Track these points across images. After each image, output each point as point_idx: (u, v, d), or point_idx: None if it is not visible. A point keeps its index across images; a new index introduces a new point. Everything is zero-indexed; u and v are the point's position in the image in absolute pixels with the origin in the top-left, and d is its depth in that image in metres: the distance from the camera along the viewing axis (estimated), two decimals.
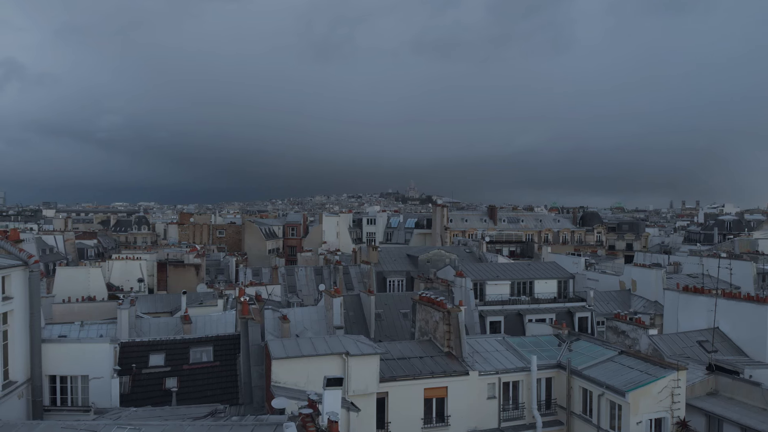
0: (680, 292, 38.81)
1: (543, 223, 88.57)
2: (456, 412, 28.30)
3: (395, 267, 64.44)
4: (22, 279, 23.57)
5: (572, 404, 29.25)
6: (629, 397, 25.38)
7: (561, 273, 51.11)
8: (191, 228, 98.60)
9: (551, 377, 30.25)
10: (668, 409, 26.07)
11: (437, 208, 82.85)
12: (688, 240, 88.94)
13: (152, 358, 27.68)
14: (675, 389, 26.13)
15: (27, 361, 23.61)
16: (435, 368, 28.76)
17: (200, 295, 50.44)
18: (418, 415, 27.82)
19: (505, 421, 29.29)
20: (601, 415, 27.09)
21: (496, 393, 29.25)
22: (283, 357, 24.42)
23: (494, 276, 49.86)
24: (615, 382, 26.66)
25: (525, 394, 29.71)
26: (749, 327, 34.32)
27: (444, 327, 30.81)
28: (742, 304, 34.85)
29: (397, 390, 27.42)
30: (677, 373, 26.27)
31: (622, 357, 29.25)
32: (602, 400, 27.03)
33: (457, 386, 28.43)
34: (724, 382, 29.96)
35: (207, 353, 28.38)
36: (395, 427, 27.20)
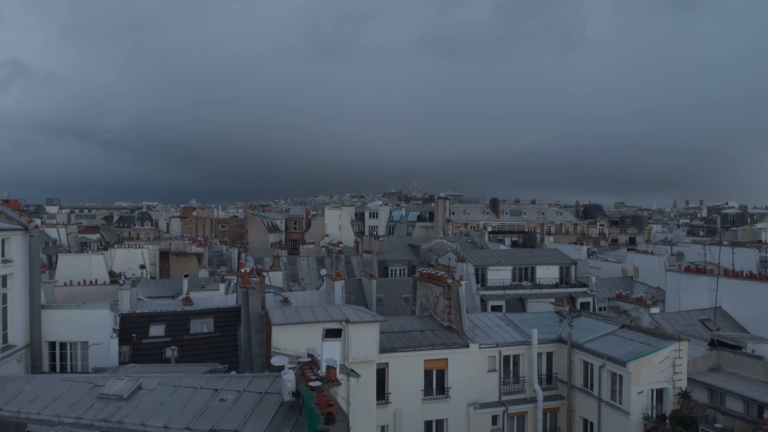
0: (682, 273, 38.64)
1: (545, 215, 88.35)
2: (456, 384, 28.22)
3: (397, 256, 64.34)
4: (22, 243, 23.61)
5: (573, 378, 29.14)
6: (630, 367, 25.25)
7: (563, 259, 51.02)
8: (194, 221, 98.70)
9: (552, 351, 30.14)
10: (670, 380, 25.93)
11: (439, 201, 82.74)
12: (692, 234, 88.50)
13: (152, 328, 27.66)
14: (676, 360, 25.99)
15: (26, 326, 23.63)
16: (435, 340, 28.71)
17: (202, 280, 50.48)
18: (419, 386, 27.76)
19: (505, 395, 29.19)
20: (602, 386, 26.96)
21: (496, 366, 29.16)
22: (283, 323, 24.39)
23: (496, 261, 49.78)
24: (616, 353, 26.55)
25: (526, 368, 29.61)
26: (752, 305, 34.16)
27: (444, 301, 30.75)
28: (745, 282, 34.69)
29: (397, 361, 27.36)
30: (678, 344, 26.14)
31: (623, 330, 29.13)
32: (603, 372, 26.91)
33: (458, 358, 28.36)
34: (726, 357, 29.79)
35: (207, 324, 28.35)
36: (395, 398, 27.13)
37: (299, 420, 15.03)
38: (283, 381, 15.90)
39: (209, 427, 15.07)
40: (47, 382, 17.90)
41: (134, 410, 16.05)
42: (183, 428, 15.10)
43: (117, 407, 16.23)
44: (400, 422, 27.16)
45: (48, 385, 17.63)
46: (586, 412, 28.24)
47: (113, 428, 15.49)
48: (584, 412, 28.37)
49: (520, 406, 29.09)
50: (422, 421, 27.68)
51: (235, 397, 16.28)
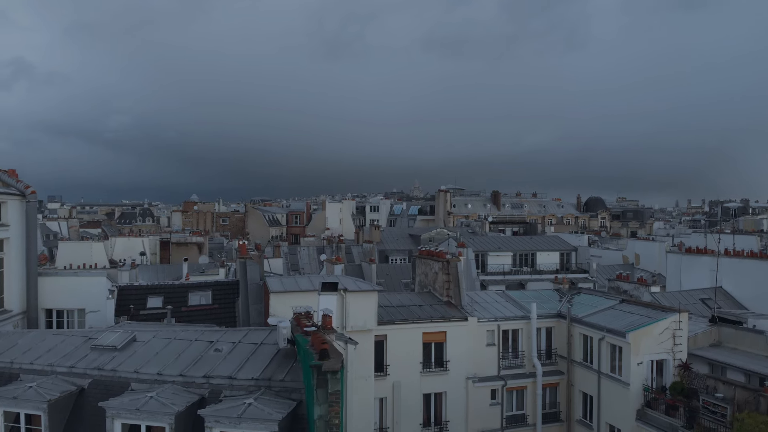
0: (683, 254, 38.47)
1: (546, 208, 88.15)
2: (455, 357, 28.04)
3: (397, 246, 64.26)
4: (19, 209, 23.55)
5: (573, 352, 28.96)
6: (629, 338, 25.06)
7: (563, 245, 50.88)
8: (195, 216, 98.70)
9: (551, 327, 29.95)
10: (670, 352, 25.73)
11: (440, 194, 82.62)
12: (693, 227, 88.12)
13: (150, 300, 27.58)
14: (676, 331, 25.79)
15: (23, 292, 23.56)
16: (434, 314, 28.55)
17: (202, 266, 50.44)
18: (417, 359, 27.57)
19: (504, 369, 29.01)
20: (602, 359, 26.77)
21: (495, 340, 28.99)
22: (280, 291, 24.30)
23: (496, 247, 49.66)
24: (615, 326, 26.38)
25: (525, 343, 29.43)
26: (753, 284, 33.98)
27: (443, 277, 30.60)
28: (746, 261, 34.53)
29: (395, 333, 27.19)
30: (678, 315, 25.96)
31: (623, 305, 28.96)
32: (603, 344, 26.72)
33: (456, 331, 28.18)
34: (727, 332, 29.61)
35: (205, 297, 28.27)
36: (394, 370, 26.96)
37: (294, 366, 14.97)
38: (278, 329, 15.85)
39: (203, 373, 15.00)
40: (41, 336, 17.83)
41: (128, 359, 15.98)
42: (177, 375, 15.03)
43: (111, 357, 16.16)
44: (399, 394, 26.99)
45: (42, 339, 17.56)
46: (585, 386, 28.06)
47: (106, 376, 15.41)
48: (584, 386, 28.19)
49: (520, 381, 28.91)
50: (421, 393, 27.50)
51: (230, 348, 16.21)
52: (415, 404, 27.34)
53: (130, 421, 13.64)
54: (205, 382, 14.77)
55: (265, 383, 14.44)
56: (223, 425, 13.02)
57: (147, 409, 13.46)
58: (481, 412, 28.19)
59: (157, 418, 13.42)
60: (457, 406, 27.88)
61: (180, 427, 13.53)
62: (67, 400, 14.83)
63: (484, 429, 28.24)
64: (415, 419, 27.33)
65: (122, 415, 13.62)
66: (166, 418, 13.37)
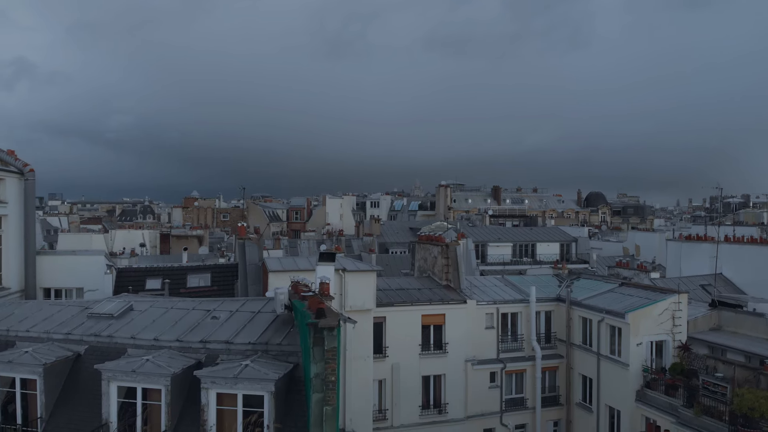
0: (683, 241, 38.39)
1: (547, 203, 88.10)
2: (454, 340, 27.98)
3: (397, 239, 64.17)
4: (17, 187, 23.53)
5: (572, 335, 28.88)
6: (629, 318, 24.97)
7: (564, 236, 50.81)
8: (195, 211, 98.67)
9: (551, 310, 29.89)
10: (669, 332, 25.65)
11: (440, 189, 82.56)
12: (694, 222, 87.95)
13: (149, 282, 27.54)
14: (676, 312, 25.71)
15: (21, 270, 23.52)
16: (433, 296, 28.50)
17: (202, 256, 50.39)
18: (416, 341, 27.52)
19: (503, 352, 28.95)
20: (601, 341, 26.69)
21: (494, 323, 28.93)
22: (279, 270, 24.20)
23: (496, 238, 49.59)
24: (615, 307, 26.30)
25: (524, 326, 29.37)
26: (754, 270, 33.88)
27: (442, 261, 30.54)
28: (746, 247, 34.45)
29: (394, 315, 27.14)
30: (678, 296, 25.88)
31: (623, 288, 28.89)
32: (602, 326, 26.65)
33: (455, 314, 28.13)
34: (727, 316, 29.49)
35: (204, 279, 28.23)
36: (393, 352, 26.91)
37: (292, 331, 14.93)
38: (276, 295, 15.82)
39: (200, 338, 14.95)
40: (37, 306, 17.80)
41: (124, 327, 15.94)
42: (173, 340, 14.99)
43: (107, 324, 16.12)
44: (398, 376, 26.93)
45: (38, 308, 17.53)
46: (584, 369, 27.98)
47: (103, 342, 15.37)
48: (583, 369, 28.12)
49: (519, 364, 28.86)
50: (420, 375, 27.45)
51: (227, 316, 16.17)
52: (415, 386, 27.28)
53: (126, 384, 13.60)
54: (202, 347, 14.73)
55: (262, 347, 14.40)
56: (219, 386, 12.98)
57: (143, 371, 13.41)
58: (480, 394, 28.14)
59: (153, 380, 13.38)
60: (456, 388, 27.82)
61: (176, 388, 13.48)
62: (63, 366, 14.78)
63: (484, 412, 28.19)
64: (415, 401, 27.28)
65: (118, 377, 13.58)
66: (162, 380, 13.32)
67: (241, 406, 12.93)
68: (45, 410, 14.18)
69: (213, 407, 13.01)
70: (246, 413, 12.92)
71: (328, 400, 12.31)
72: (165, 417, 13.36)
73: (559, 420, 29.37)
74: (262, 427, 12.77)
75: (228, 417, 12.97)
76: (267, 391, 12.82)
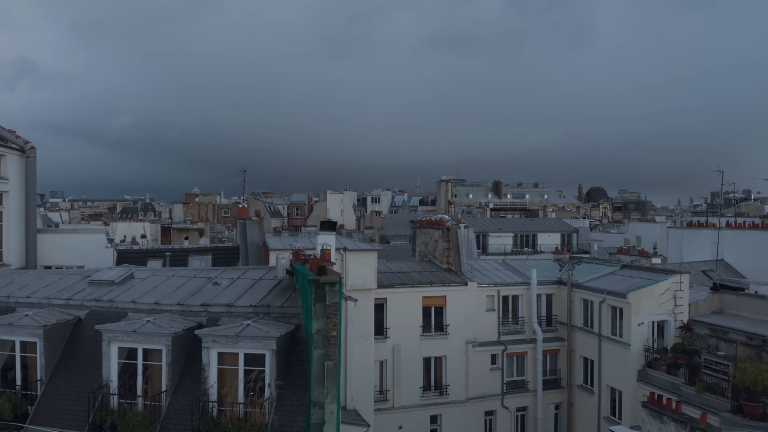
0: (684, 228, 38.34)
1: (548, 198, 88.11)
2: (455, 322, 27.93)
3: (398, 231, 64.06)
4: (18, 164, 23.49)
5: (573, 318, 28.82)
6: (630, 298, 24.93)
7: (565, 227, 50.75)
8: (196, 207, 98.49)
9: (552, 293, 29.85)
10: (671, 313, 25.61)
11: (441, 183, 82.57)
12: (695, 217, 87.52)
13: (150, 263, 27.46)
14: (677, 292, 25.67)
15: (22, 247, 23.45)
16: (433, 279, 28.44)
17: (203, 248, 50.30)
18: (417, 323, 27.47)
19: (504, 335, 28.89)
20: (602, 322, 26.63)
21: (495, 306, 28.88)
22: (280, 248, 24.15)
23: (497, 228, 49.55)
24: (616, 288, 26.26)
25: (525, 309, 29.31)
26: (755, 255, 33.81)
27: (443, 244, 30.49)
28: (748, 232, 34.41)
29: (395, 296, 27.10)
30: (680, 276, 25.85)
31: (624, 270, 28.86)
32: (603, 307, 26.59)
33: (456, 296, 28.08)
34: (728, 299, 29.41)
35: (205, 261, 28.20)
36: (394, 333, 26.86)
37: (293, 295, 14.90)
38: (277, 260, 15.82)
39: (201, 302, 14.93)
40: (38, 275, 17.79)
41: (125, 292, 15.92)
42: (174, 304, 14.98)
43: (108, 290, 16.11)
44: (399, 357, 26.88)
45: (39, 277, 17.52)
46: (586, 351, 27.92)
47: (104, 307, 15.35)
48: (584, 351, 28.06)
49: (520, 346, 28.80)
50: (421, 357, 27.39)
51: (229, 282, 16.16)
52: (415, 368, 27.22)
53: (126, 345, 13.56)
54: (203, 310, 14.69)
55: (264, 309, 14.36)
56: (220, 345, 12.94)
57: (144, 331, 13.37)
58: (481, 377, 28.08)
59: (154, 340, 13.34)
60: (457, 370, 27.76)
61: (177, 348, 13.45)
62: (64, 329, 14.75)
63: (485, 394, 28.13)
64: (416, 382, 27.22)
65: (119, 338, 13.54)
66: (163, 340, 13.29)
67: (242, 365, 12.89)
68: (45, 373, 14.15)
69: (214, 366, 12.97)
70: (247, 372, 12.87)
71: (330, 355, 12.28)
72: (166, 377, 13.33)
73: (561, 403, 29.32)
74: (263, 386, 12.73)
75: (229, 376, 12.93)
76: (268, 350, 12.78)
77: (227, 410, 12.52)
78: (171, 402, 13.16)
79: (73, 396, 13.68)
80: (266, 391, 12.64)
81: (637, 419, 23.83)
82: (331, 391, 12.15)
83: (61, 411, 13.56)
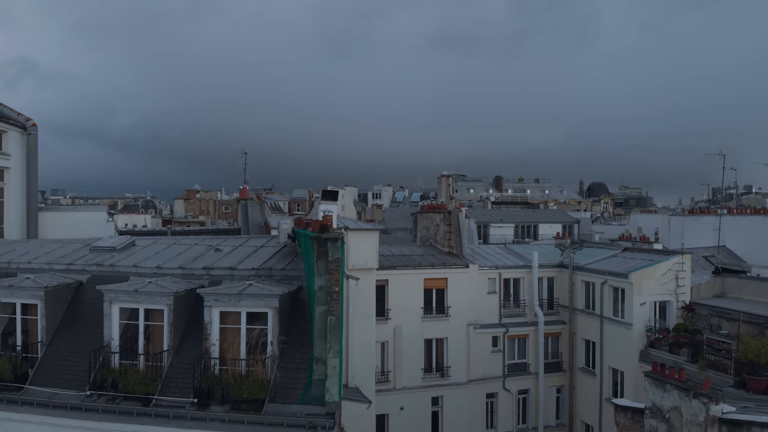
0: (685, 216, 38.29)
1: (549, 193, 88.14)
2: (456, 304, 27.86)
3: (399, 224, 63.99)
4: (20, 141, 23.50)
5: (575, 301, 28.77)
6: (632, 278, 24.86)
7: (566, 218, 50.71)
8: (197, 203, 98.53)
9: (553, 276, 29.80)
10: (673, 293, 25.55)
11: (442, 179, 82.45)
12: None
13: None
14: (679, 272, 25.61)
15: (23, 224, 23.45)
16: (435, 261, 28.39)
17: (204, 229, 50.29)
18: (418, 304, 27.40)
19: (506, 317, 28.82)
20: (604, 303, 26.56)
21: (496, 288, 28.82)
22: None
23: (498, 219, 49.51)
24: (618, 268, 26.21)
25: (526, 292, 29.26)
26: (757, 240, 33.74)
27: (444, 228, 30.42)
28: (750, 218, 34.36)
29: (397, 278, 27.04)
30: (681, 257, 25.79)
31: (626, 253, 28.80)
32: (605, 288, 26.53)
33: (457, 279, 28.02)
34: (730, 282, 29.28)
35: None
36: (395, 315, 26.79)
37: (295, 259, 14.86)
38: (279, 226, 15.79)
39: (203, 265, 14.89)
40: (40, 243, 17.77)
41: (127, 258, 15.90)
42: (176, 267, 14.94)
43: (110, 256, 16.07)
44: (400, 338, 26.80)
45: (41, 245, 17.48)
46: (587, 333, 27.87)
47: (105, 271, 15.31)
48: (586, 333, 28.01)
49: (521, 329, 28.74)
50: (422, 338, 27.31)
51: (231, 249, 16.14)
52: (417, 349, 27.15)
53: (128, 305, 13.51)
54: (205, 273, 14.65)
55: (266, 272, 14.33)
56: (223, 303, 12.89)
57: (146, 291, 13.33)
58: (483, 359, 28.01)
59: (155, 300, 13.30)
60: (458, 352, 27.69)
61: (179, 309, 13.41)
62: (65, 292, 14.71)
63: (486, 376, 28.07)
64: (417, 364, 27.15)
65: (120, 298, 13.49)
66: (165, 299, 13.25)
67: (244, 323, 12.83)
68: (45, 335, 14.10)
69: (216, 326, 12.92)
70: (249, 331, 12.82)
71: (332, 310, 12.25)
72: (167, 337, 13.28)
73: (562, 386, 29.26)
74: (265, 344, 12.68)
75: (231, 335, 12.87)
76: (271, 308, 12.74)
77: (229, 368, 12.46)
78: (173, 361, 13.12)
79: (74, 357, 13.64)
80: (269, 349, 12.60)
81: (639, 399, 23.81)
82: (333, 345, 12.11)
83: (61, 372, 13.51)
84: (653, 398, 17.24)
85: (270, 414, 11.77)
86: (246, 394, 11.98)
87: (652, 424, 17.26)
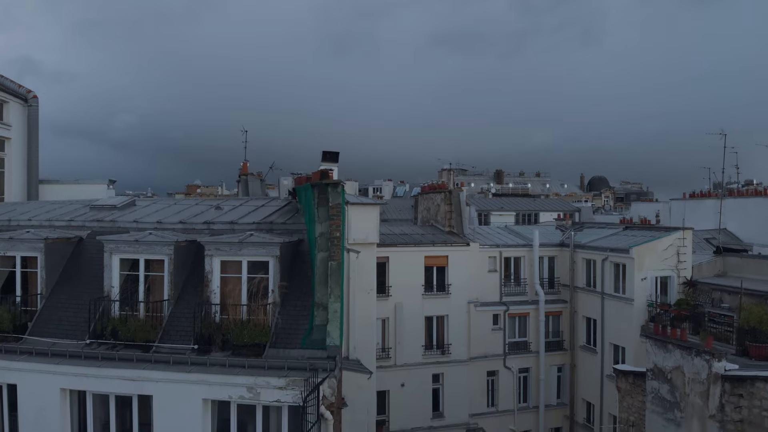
0: (686, 200, 38.23)
1: (550, 187, 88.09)
2: (457, 282, 27.79)
3: (400, 216, 63.94)
4: (21, 113, 23.49)
5: (576, 279, 28.70)
6: (633, 253, 24.80)
7: (567, 206, 50.66)
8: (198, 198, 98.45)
9: (554, 256, 29.75)
10: (674, 269, 25.50)
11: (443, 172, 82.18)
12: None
13: None
14: (681, 248, 25.56)
15: (24, 196, 23.42)
16: (435, 239, 28.34)
17: None
18: (419, 282, 27.33)
19: (506, 296, 28.76)
20: (605, 280, 26.50)
21: (497, 267, 28.76)
22: None
23: (498, 207, 49.50)
24: (619, 245, 26.17)
25: (527, 270, 29.20)
26: (760, 222, 33.60)
27: (445, 207, 30.39)
28: (752, 200, 34.26)
29: (397, 255, 26.99)
30: (683, 233, 25.74)
31: (627, 231, 28.76)
32: (606, 265, 26.48)
33: (458, 256, 27.95)
34: (732, 262, 29.21)
35: None
36: (396, 292, 26.73)
37: (296, 215, 14.81)
38: (279, 182, 15.75)
39: (204, 220, 14.85)
40: (40, 203, 17.73)
41: (128, 215, 15.84)
42: (177, 222, 14.89)
43: (110, 213, 16.03)
44: (401, 315, 26.75)
45: (41, 206, 17.42)
46: (588, 311, 27.81)
47: (105, 226, 15.27)
48: (587, 311, 27.95)
49: (522, 307, 28.68)
50: (423, 316, 27.24)
51: (231, 207, 16.08)
52: (417, 326, 27.08)
53: (128, 255, 13.46)
54: (206, 228, 14.61)
55: (267, 226, 14.28)
56: (223, 252, 12.84)
57: (146, 241, 13.28)
58: (483, 337, 27.94)
59: (156, 249, 13.25)
60: (458, 329, 27.62)
61: (179, 259, 13.35)
62: (65, 246, 14.65)
63: (487, 354, 28.01)
64: (418, 341, 27.08)
65: (121, 248, 13.44)
66: (165, 249, 13.20)
67: (245, 272, 12.79)
68: (45, 287, 14.04)
69: (217, 275, 12.86)
70: (250, 280, 12.78)
71: (333, 255, 12.20)
72: (168, 287, 13.23)
73: (563, 365, 29.19)
74: (266, 292, 12.63)
75: (232, 284, 12.82)
76: (272, 256, 12.69)
77: (230, 315, 12.42)
78: (173, 311, 13.06)
79: (74, 309, 13.58)
80: (269, 296, 12.55)
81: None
82: (334, 290, 12.07)
83: (61, 322, 13.45)
84: (655, 360, 17.19)
85: (271, 358, 11.72)
86: (247, 339, 11.93)
87: (654, 385, 17.21)
